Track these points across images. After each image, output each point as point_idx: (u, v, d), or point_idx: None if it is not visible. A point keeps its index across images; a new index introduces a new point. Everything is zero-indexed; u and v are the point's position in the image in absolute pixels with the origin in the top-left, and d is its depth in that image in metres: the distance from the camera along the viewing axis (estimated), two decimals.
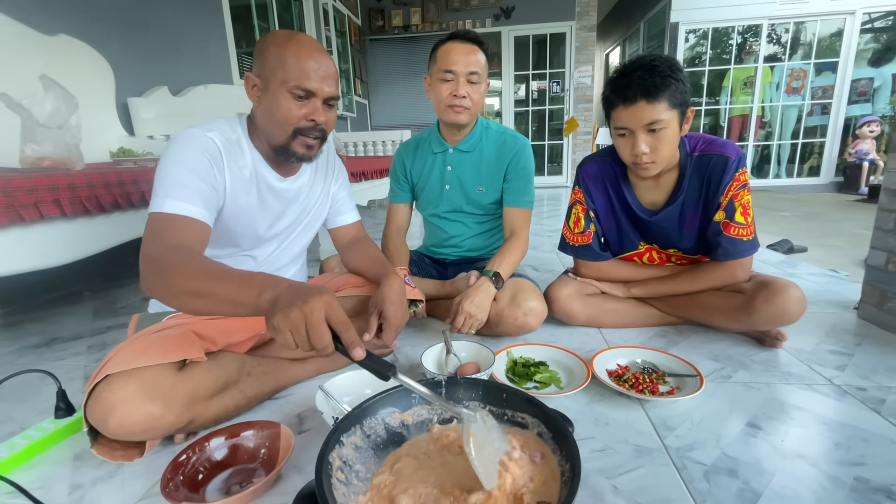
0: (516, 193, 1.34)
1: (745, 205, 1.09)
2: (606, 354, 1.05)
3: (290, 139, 0.87)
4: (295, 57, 0.82)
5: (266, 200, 0.96)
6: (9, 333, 1.49)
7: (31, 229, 1.02)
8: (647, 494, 0.67)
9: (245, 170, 0.91)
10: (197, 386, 0.78)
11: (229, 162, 0.87)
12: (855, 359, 1.07)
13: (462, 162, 1.36)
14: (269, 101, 0.85)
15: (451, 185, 1.38)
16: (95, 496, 0.72)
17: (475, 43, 1.24)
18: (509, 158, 1.32)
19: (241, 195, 0.90)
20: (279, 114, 0.85)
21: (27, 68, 1.59)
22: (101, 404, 0.69)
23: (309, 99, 0.85)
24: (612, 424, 0.85)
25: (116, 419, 0.69)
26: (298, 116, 0.85)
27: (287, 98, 0.84)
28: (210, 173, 0.83)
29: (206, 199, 0.81)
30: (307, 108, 0.85)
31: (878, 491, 0.66)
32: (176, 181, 0.79)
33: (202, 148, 0.83)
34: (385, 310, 0.96)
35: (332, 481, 0.55)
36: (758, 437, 0.80)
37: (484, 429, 0.56)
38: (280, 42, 0.83)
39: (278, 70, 0.82)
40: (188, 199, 0.79)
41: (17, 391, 1.06)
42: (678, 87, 0.96)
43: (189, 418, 0.77)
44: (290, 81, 0.82)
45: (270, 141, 0.90)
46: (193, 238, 0.78)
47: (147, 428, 0.72)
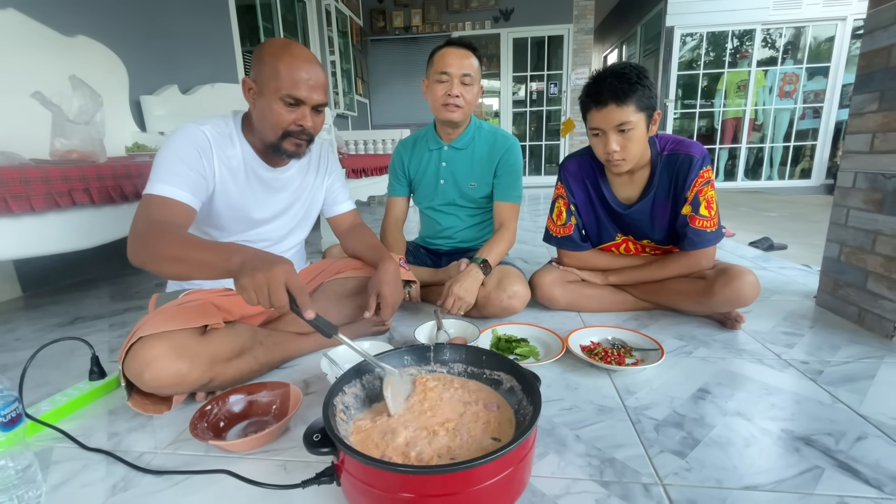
0: (505, 189, 1.45)
1: (709, 199, 1.21)
2: (581, 332, 1.17)
3: (280, 140, 0.96)
4: (288, 68, 0.90)
5: (254, 187, 1.04)
6: (33, 314, 1.60)
7: (65, 215, 1.14)
8: (604, 441, 0.79)
9: (234, 160, 0.99)
10: (217, 348, 0.90)
11: (218, 152, 0.96)
12: (805, 339, 1.19)
13: (456, 159, 1.47)
14: (263, 104, 0.94)
15: (446, 180, 1.49)
16: (132, 441, 0.83)
17: (469, 49, 1.36)
18: (500, 156, 1.44)
19: (230, 181, 0.99)
20: (271, 118, 0.93)
21: (52, 68, 1.71)
22: (137, 361, 0.81)
23: (298, 106, 0.94)
24: (581, 389, 0.97)
25: (151, 373, 0.81)
26: (288, 121, 0.94)
27: (279, 104, 0.92)
28: (198, 163, 0.92)
29: (192, 185, 0.91)
30: (296, 114, 0.94)
31: (799, 439, 0.78)
32: (167, 169, 0.89)
33: (192, 140, 0.93)
34: (382, 290, 1.09)
35: (336, 419, 0.67)
36: (706, 399, 0.92)
37: (399, 381, 0.74)
38: (275, 52, 0.92)
39: (272, 79, 0.91)
40: (175, 184, 0.89)
41: (51, 360, 1.18)
42: (645, 92, 1.08)
43: (211, 376, 0.89)
44: (282, 90, 0.91)
45: (263, 139, 0.99)
46: (177, 217, 0.88)
47: (176, 382, 0.84)
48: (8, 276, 1.80)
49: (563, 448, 0.77)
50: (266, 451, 0.79)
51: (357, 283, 1.20)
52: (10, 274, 1.81)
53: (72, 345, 1.23)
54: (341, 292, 1.20)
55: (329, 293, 1.19)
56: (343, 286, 1.20)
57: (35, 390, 1.04)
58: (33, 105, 1.29)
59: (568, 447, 0.78)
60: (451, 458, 0.62)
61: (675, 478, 0.70)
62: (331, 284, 1.20)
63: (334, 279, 1.20)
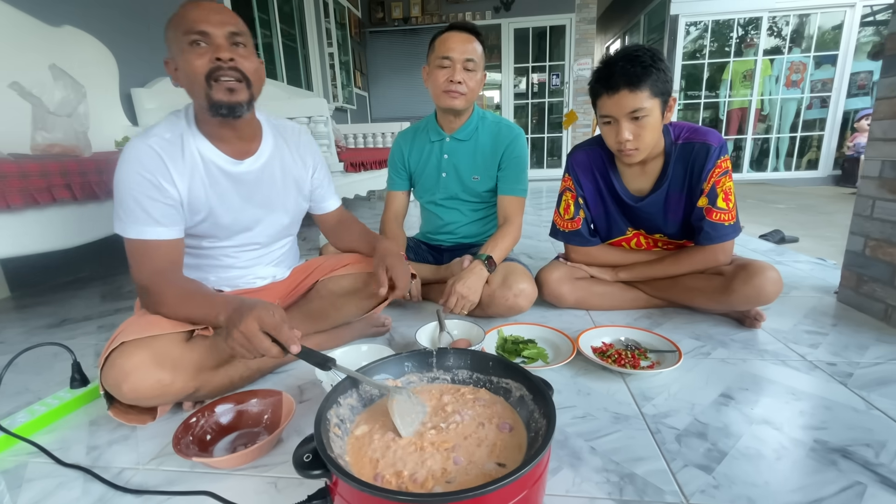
0: (510, 182, 1.38)
1: (727, 191, 1.14)
2: (592, 332, 1.11)
3: (208, 91, 0.82)
4: (185, 12, 0.81)
5: (224, 188, 0.93)
6: (20, 315, 1.55)
7: (45, 212, 1.08)
8: (621, 454, 0.73)
9: (193, 165, 0.88)
10: (203, 355, 0.84)
11: (172, 165, 0.86)
12: (829, 338, 1.12)
13: (458, 150, 1.40)
14: (181, 70, 0.82)
15: (448, 173, 1.42)
16: (111, 455, 0.77)
17: (472, 33, 1.28)
18: (504, 148, 1.37)
19: (198, 191, 0.89)
20: (188, 69, 0.80)
21: (35, 59, 1.64)
22: (115, 370, 0.75)
23: (207, 44, 0.80)
24: (594, 395, 0.91)
25: (129, 384, 0.74)
26: (204, 63, 0.80)
27: (188, 52, 0.80)
28: (157, 191, 0.84)
29: (163, 217, 0.85)
30: (209, 52, 0.80)
31: (835, 451, 0.72)
32: (129, 208, 0.83)
33: (142, 168, 0.83)
34: (388, 263, 1.02)
35: (330, 435, 0.61)
36: (729, 405, 0.85)
37: (407, 401, 0.67)
38: (175, 15, 0.83)
39: (177, 35, 0.81)
40: (146, 223, 0.84)
41: (33, 365, 1.12)
42: (660, 76, 1.01)
43: (196, 386, 0.83)
44: (185, 36, 0.80)
45: (199, 106, 0.87)
46: (167, 258, 0.86)
47: (157, 393, 0.77)
48: None
49: (578, 462, 0.71)
50: (256, 466, 0.73)
51: (353, 281, 1.13)
52: None
53: (55, 349, 1.17)
54: (337, 291, 1.13)
55: (324, 292, 1.12)
56: (338, 284, 1.13)
57: (14, 398, 0.98)
58: (13, 97, 1.22)
59: (583, 461, 0.72)
60: (446, 482, 0.56)
61: (702, 496, 0.63)
62: (325, 283, 1.13)
63: (330, 277, 1.13)
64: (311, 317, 1.13)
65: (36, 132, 1.26)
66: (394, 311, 1.38)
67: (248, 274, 1.06)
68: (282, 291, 1.12)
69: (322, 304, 1.12)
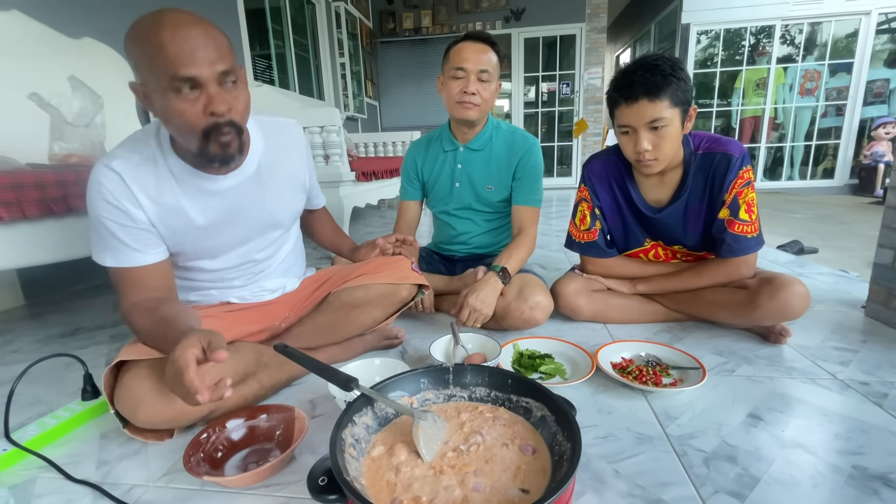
0: (525, 192, 1.37)
1: (750, 202, 1.10)
2: (611, 348, 1.08)
3: (202, 144, 0.73)
4: (161, 44, 0.65)
5: (204, 206, 0.85)
6: (34, 323, 1.55)
7: (62, 221, 1.08)
8: (647, 478, 0.70)
9: (168, 186, 0.81)
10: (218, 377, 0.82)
11: (138, 187, 0.78)
12: (860, 355, 1.08)
13: (472, 160, 1.39)
14: (159, 106, 0.70)
15: (461, 183, 1.41)
16: (122, 471, 0.76)
17: (487, 43, 1.28)
18: (519, 157, 1.36)
19: (174, 213, 0.82)
20: (175, 119, 0.70)
21: (55, 70, 1.66)
22: (129, 396, 0.74)
23: (198, 89, 0.69)
24: (615, 413, 0.87)
25: (144, 411, 0.74)
26: (197, 114, 0.70)
27: (173, 98, 0.68)
28: (125, 216, 0.78)
29: (136, 242, 0.80)
30: (201, 102, 0.69)
31: (876, 478, 0.68)
32: (102, 236, 0.79)
33: (106, 193, 0.76)
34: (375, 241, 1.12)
35: (346, 456, 0.59)
36: (758, 427, 0.81)
37: (433, 426, 0.65)
38: (144, 31, 0.67)
39: (152, 66, 0.67)
40: (120, 250, 0.80)
41: (45, 375, 1.12)
42: (680, 86, 0.98)
43: (211, 408, 0.82)
44: (166, 76, 0.66)
45: (189, 150, 0.78)
46: (148, 284, 0.82)
47: (172, 418, 0.77)
48: (10, 284, 1.75)
49: (602, 486, 0.68)
50: (268, 485, 0.71)
51: (366, 293, 1.11)
52: (13, 282, 1.76)
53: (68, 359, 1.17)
54: (350, 302, 1.10)
55: (337, 304, 1.10)
56: (351, 295, 1.10)
57: (27, 409, 0.97)
58: (31, 108, 1.24)
59: (607, 485, 0.68)
60: None
61: None
62: (338, 294, 1.10)
63: (343, 288, 1.11)
64: (325, 329, 1.11)
65: (54, 142, 1.28)
66: (407, 324, 1.36)
67: (253, 287, 1.03)
68: (293, 303, 1.11)
69: (335, 317, 1.10)
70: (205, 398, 0.60)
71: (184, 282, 0.97)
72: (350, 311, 1.10)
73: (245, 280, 1.01)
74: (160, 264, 0.84)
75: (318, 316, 1.11)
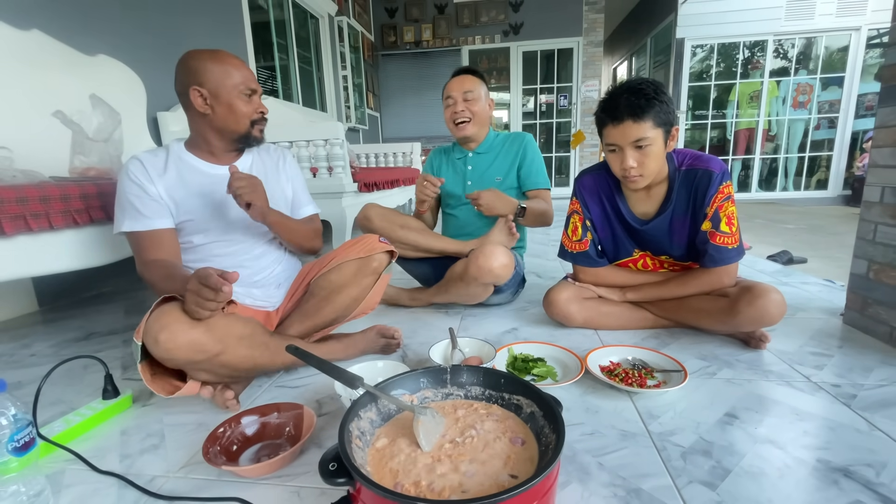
0: (533, 176, 1.63)
1: (730, 215, 1.18)
2: (600, 352, 1.14)
3: (249, 130, 1.11)
4: (235, 67, 1.06)
5: (203, 186, 1.10)
6: (49, 329, 1.61)
7: (83, 231, 1.15)
8: (628, 470, 0.76)
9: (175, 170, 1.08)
10: (230, 322, 0.94)
11: (154, 170, 1.06)
12: (834, 359, 1.14)
13: (480, 161, 1.67)
14: (224, 104, 1.06)
15: (473, 181, 1.66)
16: (143, 463, 0.82)
17: (468, 73, 1.59)
18: (519, 150, 1.63)
19: (179, 188, 1.07)
20: (237, 112, 1.07)
21: (73, 86, 1.75)
22: (157, 321, 0.83)
23: (252, 96, 1.10)
24: (602, 412, 0.94)
25: (166, 334, 0.82)
26: (251, 111, 1.10)
27: (240, 99, 1.07)
28: (141, 190, 1.03)
29: (148, 210, 1.03)
30: (254, 104, 1.10)
31: (837, 470, 0.74)
32: (123, 207, 1.04)
33: (130, 174, 1.04)
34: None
35: (352, 446, 0.65)
36: (734, 425, 0.88)
37: (431, 420, 0.71)
38: (215, 58, 1.05)
39: (226, 78, 1.05)
40: (135, 217, 1.03)
41: (65, 377, 1.18)
42: (662, 108, 1.06)
43: (221, 348, 0.89)
44: (239, 86, 1.06)
45: (229, 137, 1.11)
46: (158, 246, 1.04)
47: (190, 346, 0.85)
48: (25, 290, 1.82)
49: (586, 477, 0.74)
50: (279, 476, 0.77)
51: (339, 273, 1.17)
52: (28, 288, 1.83)
53: (86, 361, 1.23)
54: (327, 286, 1.16)
55: (316, 290, 1.17)
56: (327, 279, 1.17)
57: (49, 408, 1.03)
58: (55, 124, 1.32)
59: (591, 476, 0.75)
60: (462, 492, 0.59)
61: None
62: (317, 281, 1.18)
63: (320, 275, 1.18)
64: (308, 315, 1.18)
65: (74, 156, 1.35)
66: (407, 328, 1.43)
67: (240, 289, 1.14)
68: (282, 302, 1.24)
69: (315, 301, 1.18)
70: (228, 288, 0.79)
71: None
72: (329, 293, 1.17)
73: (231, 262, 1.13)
74: (168, 231, 1.06)
75: (303, 304, 1.20)
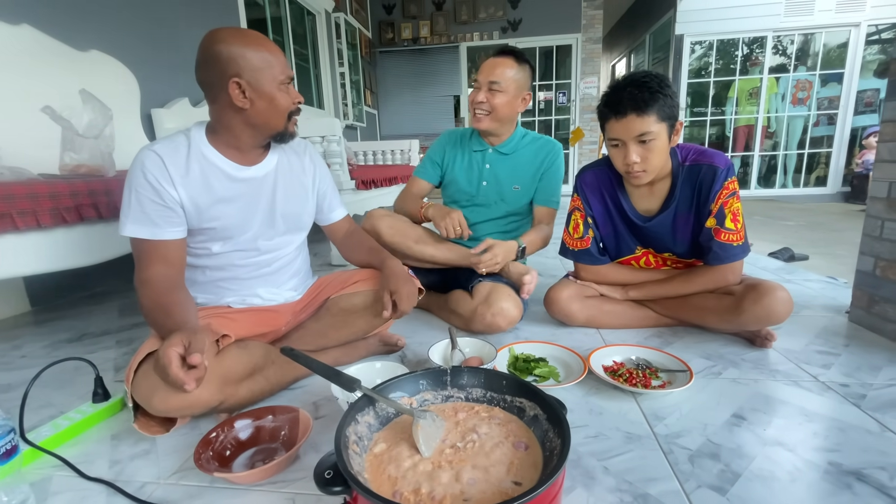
0: (547, 193, 1.49)
1: (735, 212, 1.15)
2: (603, 352, 1.12)
3: (286, 123, 0.98)
4: (272, 53, 0.92)
5: (228, 191, 0.97)
6: (41, 329, 1.58)
7: (73, 230, 1.12)
8: (634, 474, 0.73)
9: (198, 169, 0.93)
10: (229, 368, 0.87)
11: (174, 169, 0.91)
12: (841, 358, 1.12)
13: (500, 162, 1.49)
14: (265, 97, 0.92)
15: (489, 182, 1.50)
16: (133, 470, 0.79)
17: (510, 56, 1.38)
18: (544, 159, 1.47)
19: (202, 192, 0.94)
20: (281, 105, 0.95)
21: (65, 82, 1.71)
22: (147, 382, 0.78)
23: (290, 85, 0.97)
24: (606, 414, 0.91)
25: (160, 397, 0.77)
26: (291, 102, 0.97)
27: (282, 91, 0.94)
28: (156, 193, 0.89)
29: (159, 217, 0.90)
30: (292, 94, 0.97)
31: (850, 474, 0.72)
32: (131, 206, 0.89)
33: (145, 170, 0.89)
34: (392, 286, 1.06)
35: (349, 452, 0.62)
36: (741, 426, 0.85)
37: (431, 424, 0.68)
38: (250, 42, 0.90)
39: (266, 68, 0.91)
40: (142, 222, 0.89)
41: (55, 379, 1.15)
42: (666, 102, 1.04)
43: (221, 398, 0.85)
44: (279, 76, 0.93)
45: (268, 131, 0.98)
46: (163, 258, 0.91)
47: (186, 405, 0.80)
48: (16, 290, 1.78)
49: (592, 482, 0.72)
50: (274, 482, 0.75)
51: (364, 299, 1.15)
52: (19, 289, 1.79)
53: (77, 362, 1.20)
54: (347, 308, 1.15)
55: (335, 310, 1.15)
56: (349, 301, 1.15)
57: (38, 412, 1.01)
58: (44, 120, 1.28)
59: (596, 480, 0.72)
60: (463, 500, 0.57)
61: None
62: (336, 300, 1.15)
63: (340, 294, 1.15)
64: (322, 334, 1.15)
65: (64, 153, 1.32)
66: (406, 329, 1.40)
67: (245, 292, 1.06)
68: (295, 310, 1.15)
69: (332, 322, 1.15)
70: (191, 386, 0.69)
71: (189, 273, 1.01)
72: (347, 316, 1.15)
73: (244, 274, 1.05)
74: (176, 242, 0.93)
75: (317, 321, 1.16)
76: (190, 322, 0.80)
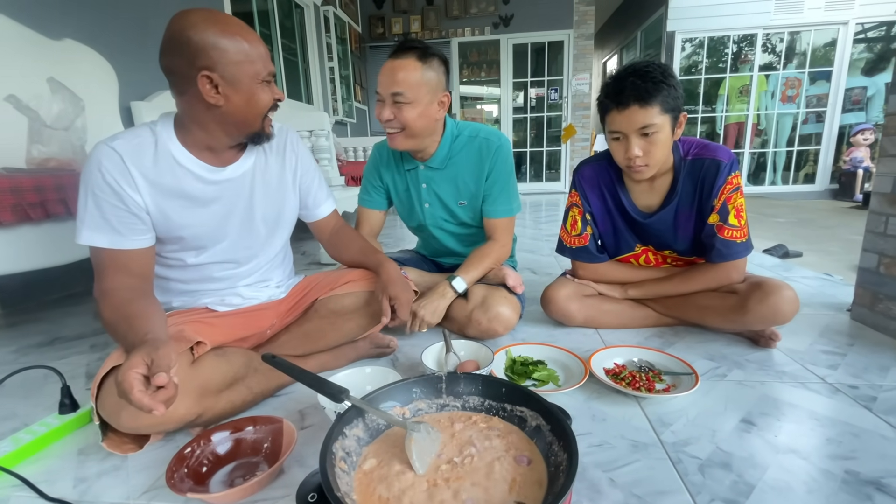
0: (496, 203, 1.28)
1: (739, 207, 1.11)
2: (604, 353, 1.07)
3: (262, 123, 0.87)
4: (251, 45, 0.79)
5: (200, 195, 0.87)
6: (10, 333, 1.50)
7: (40, 228, 1.04)
8: (643, 486, 0.69)
9: (166, 170, 0.83)
10: (207, 379, 0.80)
11: (137, 169, 0.80)
12: (847, 358, 1.09)
13: (436, 178, 1.29)
14: (242, 94, 0.80)
15: (431, 203, 1.32)
16: (100, 489, 0.73)
17: (409, 55, 1.09)
18: (487, 166, 1.25)
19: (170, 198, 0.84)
20: (260, 104, 0.84)
21: (34, 72, 1.61)
22: (112, 398, 0.70)
23: (271, 81, 0.86)
24: (609, 420, 0.87)
25: (129, 413, 0.70)
26: (270, 101, 0.86)
27: (261, 88, 0.83)
28: (117, 197, 0.79)
29: (121, 224, 0.80)
30: (272, 90, 0.86)
31: (868, 483, 0.68)
32: (88, 211, 0.79)
33: (103, 170, 0.78)
34: (391, 292, 1.00)
35: (336, 470, 0.57)
36: (752, 432, 0.81)
37: (426, 438, 0.64)
38: (226, 31, 0.77)
39: (246, 63, 0.79)
40: (101, 229, 0.79)
41: (21, 388, 1.07)
42: (670, 92, 0.99)
43: (198, 412, 0.78)
44: (261, 72, 0.81)
45: (244, 130, 0.86)
46: (126, 269, 0.81)
47: (158, 422, 0.73)
48: None
49: (598, 496, 0.67)
50: (255, 500, 0.69)
51: (354, 300, 1.09)
52: None
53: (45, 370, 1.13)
54: (337, 310, 1.08)
55: (323, 311, 1.08)
56: (339, 303, 1.08)
57: (0, 423, 0.93)
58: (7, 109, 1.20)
59: (603, 494, 0.67)
60: None
61: None
62: (325, 302, 1.08)
63: (329, 296, 1.08)
64: (310, 337, 1.09)
65: (32, 146, 1.24)
66: (398, 330, 1.34)
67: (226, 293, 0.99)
68: (280, 311, 1.08)
69: (321, 324, 1.08)
70: (160, 411, 0.59)
71: (161, 281, 0.94)
72: (336, 318, 1.08)
73: (222, 284, 0.98)
74: (141, 251, 0.83)
75: (305, 323, 1.09)
76: (154, 333, 0.69)
